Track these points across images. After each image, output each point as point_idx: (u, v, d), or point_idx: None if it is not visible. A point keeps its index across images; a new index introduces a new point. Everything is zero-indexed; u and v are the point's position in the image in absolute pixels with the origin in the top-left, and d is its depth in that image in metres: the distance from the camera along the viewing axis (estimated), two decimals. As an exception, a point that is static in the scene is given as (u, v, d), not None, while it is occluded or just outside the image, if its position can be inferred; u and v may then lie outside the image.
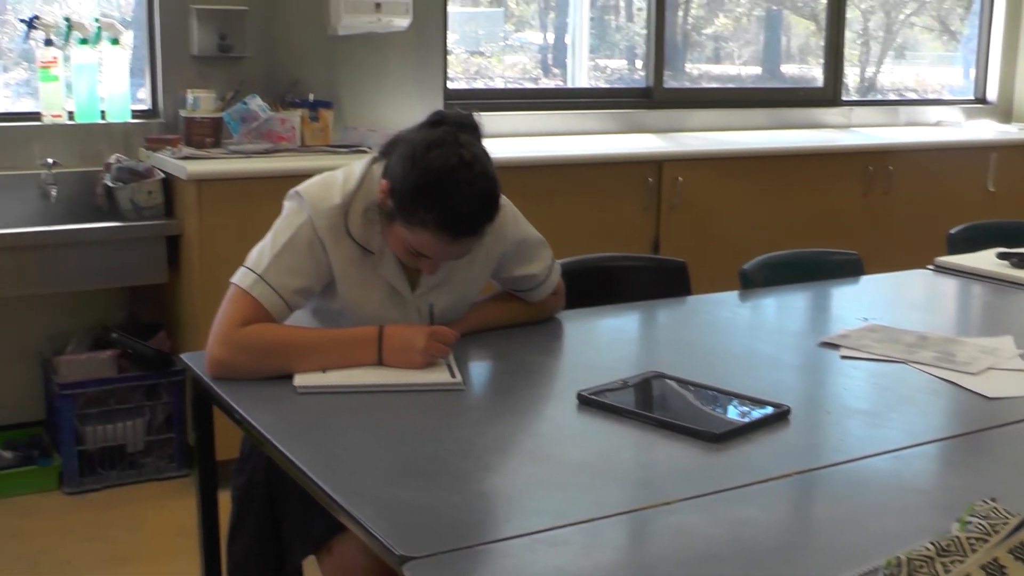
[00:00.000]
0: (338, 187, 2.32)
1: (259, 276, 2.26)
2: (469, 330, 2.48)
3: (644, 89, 5.86)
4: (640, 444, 1.94)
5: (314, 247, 2.29)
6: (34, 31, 4.33)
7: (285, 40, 4.63)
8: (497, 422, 2.08)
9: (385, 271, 2.35)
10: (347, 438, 1.99)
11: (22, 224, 4.13)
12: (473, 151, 2.22)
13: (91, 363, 4.11)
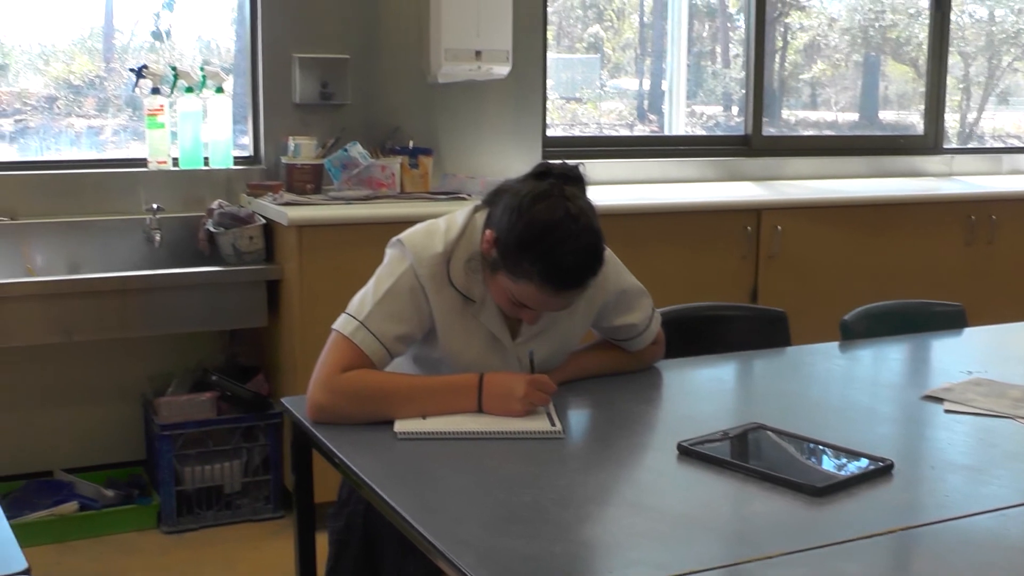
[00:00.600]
0: (440, 235, 2.34)
1: (361, 323, 2.28)
2: (568, 379, 2.48)
3: (742, 136, 5.83)
4: (741, 496, 1.91)
5: (416, 295, 2.30)
6: (142, 80, 4.43)
7: (385, 88, 4.69)
8: (597, 471, 2.06)
9: (486, 319, 2.36)
10: (447, 484, 1.99)
11: (127, 267, 4.23)
12: (579, 204, 2.23)
13: (191, 405, 4.17)
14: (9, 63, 4.85)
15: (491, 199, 2.35)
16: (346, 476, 2.10)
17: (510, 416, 2.22)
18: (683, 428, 2.19)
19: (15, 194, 4.28)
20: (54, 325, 3.91)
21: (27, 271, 4.19)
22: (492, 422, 2.20)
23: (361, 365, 2.26)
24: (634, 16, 6.24)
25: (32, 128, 4.77)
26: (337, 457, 2.10)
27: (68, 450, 4.36)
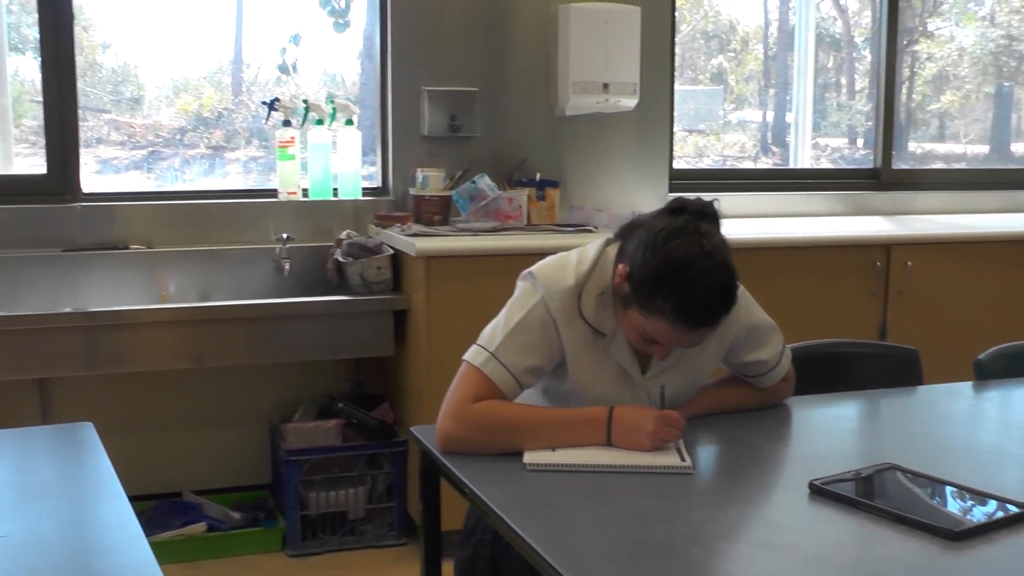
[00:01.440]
0: (571, 268, 2.35)
1: (491, 354, 2.30)
2: (697, 414, 2.47)
3: (871, 170, 5.75)
4: (874, 538, 1.88)
5: (547, 327, 2.32)
6: (274, 112, 4.53)
7: (513, 120, 4.73)
8: (727, 508, 2.05)
9: (616, 353, 2.36)
10: (576, 516, 1.99)
11: (257, 296, 4.33)
12: (714, 241, 2.22)
13: (317, 431, 4.23)
14: (144, 96, 4.99)
15: (624, 233, 2.35)
16: (475, 505, 2.11)
17: (639, 450, 2.21)
18: (813, 466, 2.16)
19: (150, 223, 4.40)
20: (185, 351, 4.01)
21: (161, 298, 4.30)
22: (621, 456, 2.20)
23: (491, 396, 2.28)
24: (758, 47, 6.20)
25: (163, 159, 4.90)
26: (467, 487, 2.11)
27: (197, 472, 4.46)
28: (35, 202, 4.33)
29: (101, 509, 2.00)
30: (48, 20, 4.34)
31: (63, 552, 1.81)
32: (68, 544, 1.86)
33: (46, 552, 1.80)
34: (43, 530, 1.90)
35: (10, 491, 2.12)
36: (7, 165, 4.63)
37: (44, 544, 1.83)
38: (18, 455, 2.39)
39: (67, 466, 2.34)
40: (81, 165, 4.45)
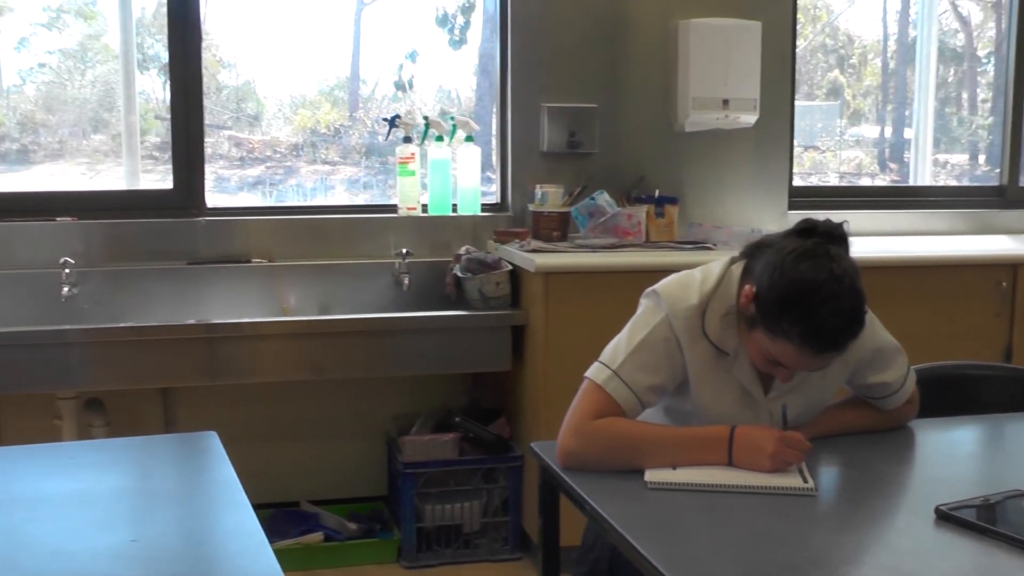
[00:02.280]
0: (696, 287, 2.34)
1: (613, 372, 2.30)
2: (820, 435, 2.44)
3: (996, 187, 5.63)
4: (1003, 566, 1.84)
5: (670, 346, 2.31)
6: (395, 129, 4.58)
7: (632, 136, 4.72)
8: (851, 532, 2.02)
9: (739, 373, 2.35)
10: (698, 536, 1.99)
11: (375, 309, 4.38)
12: (843, 265, 2.19)
13: (433, 444, 4.26)
14: (262, 112, 5.08)
15: (750, 252, 2.34)
16: (595, 522, 2.11)
17: (760, 471, 2.20)
18: (938, 491, 2.12)
19: (272, 238, 4.48)
20: (305, 363, 4.07)
21: (282, 311, 4.37)
22: (744, 476, 2.19)
23: (612, 413, 2.28)
24: (876, 61, 6.11)
25: (280, 174, 4.98)
26: (587, 503, 2.11)
27: (314, 482, 4.52)
28: (162, 216, 4.44)
29: (226, 517, 2.04)
30: (177, 41, 4.45)
31: (189, 558, 1.85)
32: (194, 550, 1.90)
33: (174, 558, 1.84)
34: (170, 536, 1.95)
35: (139, 497, 2.18)
36: (133, 180, 4.75)
37: (171, 550, 1.88)
38: (146, 462, 2.46)
39: (193, 474, 2.39)
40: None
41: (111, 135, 4.88)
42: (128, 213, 4.44)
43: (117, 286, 4.29)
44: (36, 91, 4.97)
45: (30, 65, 4.96)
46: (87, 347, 3.88)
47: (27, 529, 1.94)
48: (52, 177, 4.87)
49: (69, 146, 4.92)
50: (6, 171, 4.80)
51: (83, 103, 4.94)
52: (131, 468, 2.41)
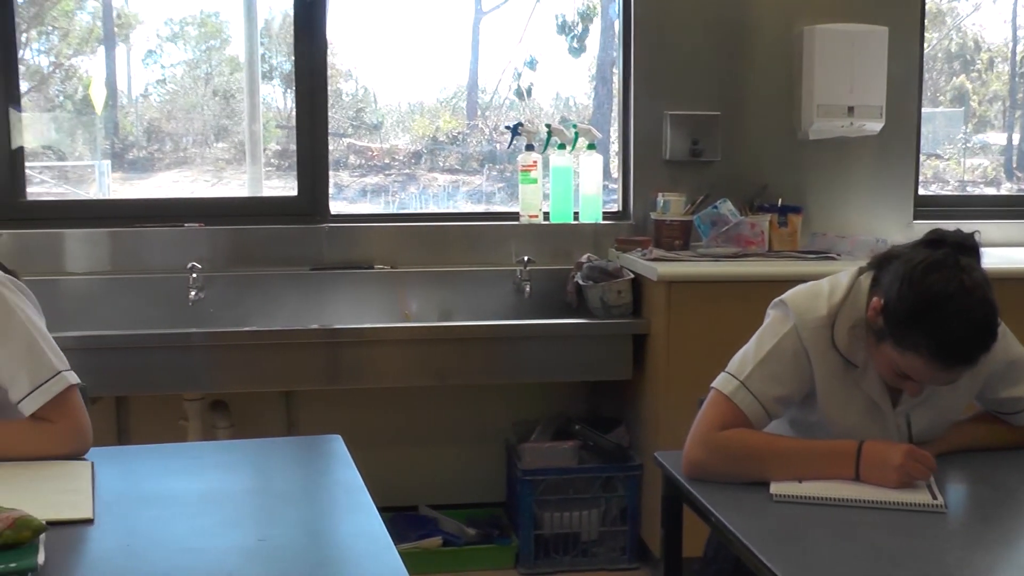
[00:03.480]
0: (824, 298, 2.30)
1: (741, 383, 2.27)
2: (949, 450, 2.39)
3: None
4: None
5: (798, 357, 2.28)
6: (517, 137, 4.60)
7: (754, 144, 4.67)
8: (983, 551, 1.97)
9: (867, 385, 2.31)
10: (823, 550, 1.95)
11: (496, 316, 4.39)
12: (974, 277, 2.14)
13: (553, 452, 4.26)
14: (383, 121, 5.13)
15: (878, 263, 2.30)
16: (719, 534, 2.09)
17: (887, 487, 2.15)
18: (1077, 510, 2.07)
19: (395, 244, 4.53)
20: (426, 368, 4.10)
21: (404, 317, 4.41)
22: (870, 491, 2.15)
23: (739, 424, 2.26)
24: (1004, 66, 5.96)
25: (399, 182, 5.03)
26: (712, 514, 2.09)
27: (433, 487, 4.56)
28: (286, 223, 4.51)
29: (351, 519, 2.06)
30: (303, 51, 4.52)
31: (316, 558, 1.87)
32: (320, 551, 1.92)
33: (300, 558, 1.86)
34: (297, 536, 1.98)
35: (265, 498, 2.21)
36: (256, 188, 4.84)
37: (298, 550, 1.90)
38: (271, 464, 2.49)
39: (317, 476, 2.42)
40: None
41: (232, 143, 4.97)
42: (254, 219, 4.52)
43: (242, 291, 4.37)
44: (161, 101, 5.08)
45: (156, 76, 5.08)
46: (212, 350, 3.95)
47: (159, 526, 1.98)
48: (176, 184, 4.98)
49: (192, 154, 5.03)
50: (133, 178, 4.92)
51: (206, 112, 5.04)
52: (257, 469, 2.45)
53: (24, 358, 2.37)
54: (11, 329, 2.38)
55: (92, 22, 5.13)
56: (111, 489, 2.18)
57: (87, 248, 4.39)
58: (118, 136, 5.07)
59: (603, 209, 4.67)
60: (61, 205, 4.75)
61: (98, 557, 1.86)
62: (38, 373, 2.36)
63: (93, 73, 5.05)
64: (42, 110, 4.94)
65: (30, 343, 2.38)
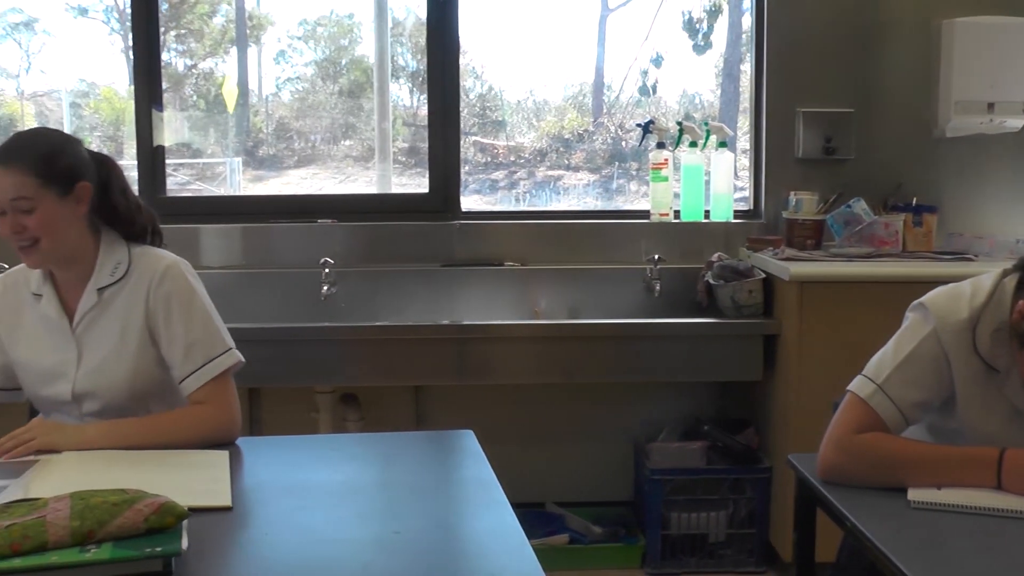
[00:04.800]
0: (966, 301, 2.25)
1: (878, 386, 2.23)
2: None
3: None
4: None
5: (938, 361, 2.23)
6: (648, 134, 4.58)
7: (889, 142, 4.58)
8: None
9: (1010, 391, 2.24)
10: (964, 561, 1.90)
11: (626, 315, 4.39)
12: None
13: (681, 452, 4.24)
14: (507, 119, 5.15)
15: (1023, 265, 2.24)
16: (854, 540, 2.05)
17: (1032, 496, 2.10)
18: None
19: (524, 242, 4.54)
20: (554, 366, 4.10)
21: (533, 314, 4.42)
22: (1014, 500, 2.08)
23: (875, 428, 2.22)
24: None
25: (524, 179, 5.04)
26: (847, 519, 2.06)
27: (560, 484, 4.56)
28: (417, 219, 4.56)
29: (486, 514, 2.07)
30: (435, 50, 4.56)
31: (451, 552, 1.90)
32: (456, 545, 1.94)
33: (435, 551, 1.89)
34: (432, 530, 1.99)
35: (399, 491, 2.23)
36: (385, 185, 4.89)
37: (433, 543, 1.92)
38: (405, 457, 2.52)
39: (450, 471, 2.45)
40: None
41: (360, 141, 5.04)
42: (385, 216, 4.58)
43: (373, 286, 4.42)
44: (290, 99, 5.18)
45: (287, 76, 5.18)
46: (344, 344, 4.01)
47: (297, 516, 2.02)
48: (304, 181, 5.06)
49: (320, 152, 5.11)
50: (263, 175, 5.01)
51: (334, 110, 5.11)
52: (391, 462, 2.48)
53: (202, 332, 2.55)
54: (193, 304, 2.56)
55: (226, 25, 5.24)
56: (248, 478, 2.24)
57: (222, 243, 4.49)
58: (249, 134, 5.18)
59: (734, 207, 4.62)
60: (198, 201, 4.88)
61: (237, 544, 1.90)
62: (212, 348, 2.55)
63: (226, 73, 5.17)
64: (177, 110, 5.06)
65: (206, 319, 2.57)
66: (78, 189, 2.48)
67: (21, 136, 2.52)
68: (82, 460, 2.30)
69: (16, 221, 2.43)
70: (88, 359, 2.54)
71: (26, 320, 2.60)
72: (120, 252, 2.58)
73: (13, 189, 2.40)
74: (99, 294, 2.54)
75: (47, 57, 5.73)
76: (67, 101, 5.87)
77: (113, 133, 5.75)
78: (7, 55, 5.77)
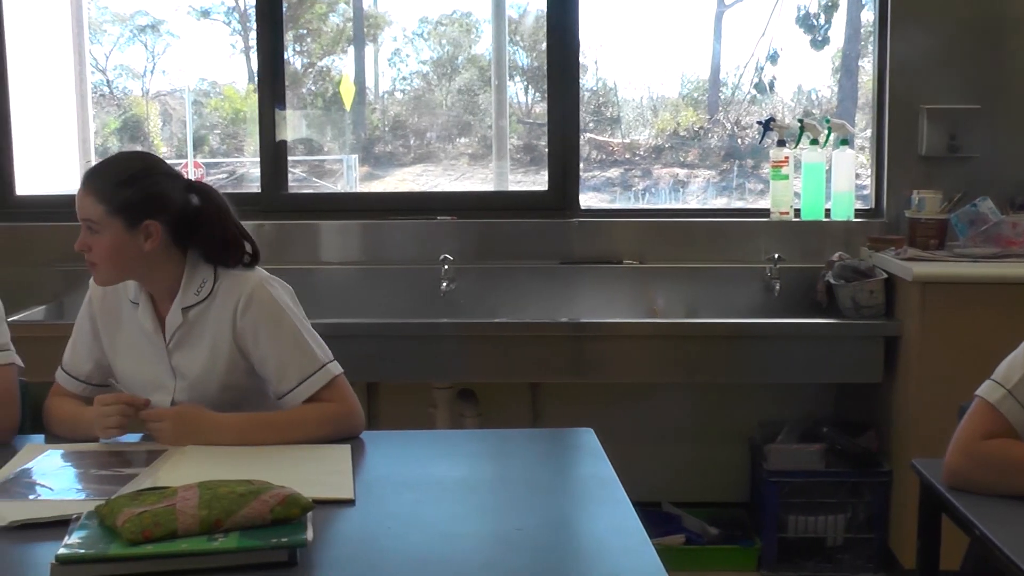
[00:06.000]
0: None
1: (1008, 391, 2.18)
2: None
3: None
4: None
5: (1071, 367, 2.18)
6: (769, 132, 4.53)
7: (1016, 139, 4.46)
8: None
9: None
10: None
11: (744, 314, 4.35)
12: None
13: (799, 454, 4.19)
14: (623, 116, 5.14)
15: None
16: (981, 548, 2.01)
17: None
18: None
19: (643, 240, 4.53)
20: (672, 365, 4.07)
21: (651, 312, 4.40)
22: None
23: (1004, 435, 2.17)
24: None
25: (639, 177, 5.02)
26: (975, 527, 2.01)
27: (676, 484, 4.54)
28: (536, 217, 4.57)
29: (606, 513, 2.06)
30: (556, 48, 4.57)
31: (572, 550, 1.90)
32: (577, 543, 1.95)
33: (557, 549, 1.90)
34: (553, 527, 2.00)
35: (520, 488, 2.24)
36: (502, 182, 4.92)
37: (554, 541, 1.93)
38: (524, 454, 2.53)
39: (570, 468, 2.45)
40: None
41: (475, 139, 5.07)
42: (503, 213, 4.60)
43: (492, 283, 4.45)
44: (405, 97, 5.23)
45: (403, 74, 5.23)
46: (462, 340, 4.04)
47: (417, 510, 2.03)
48: (419, 178, 5.10)
49: (435, 149, 5.15)
50: (378, 172, 5.07)
51: (449, 108, 5.15)
52: (510, 458, 2.49)
53: (292, 353, 2.53)
54: (281, 326, 2.54)
55: (343, 23, 5.31)
56: (368, 472, 2.27)
57: (341, 239, 4.56)
58: (365, 132, 5.24)
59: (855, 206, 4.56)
60: (318, 198, 4.95)
61: (360, 537, 1.92)
62: (305, 367, 2.51)
63: (344, 71, 5.24)
64: (295, 108, 5.14)
65: (297, 338, 2.53)
66: (146, 226, 2.46)
67: (109, 160, 2.55)
68: (209, 450, 2.35)
69: (84, 240, 2.47)
70: (182, 376, 2.58)
71: (124, 326, 2.64)
72: (204, 271, 2.57)
73: (84, 210, 2.45)
74: (184, 314, 2.55)
75: (170, 58, 5.88)
76: (189, 100, 6.00)
77: (232, 131, 5.87)
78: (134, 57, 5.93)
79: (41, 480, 2.17)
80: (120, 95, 6.02)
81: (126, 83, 6.05)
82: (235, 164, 5.95)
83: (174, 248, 2.54)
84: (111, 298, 2.64)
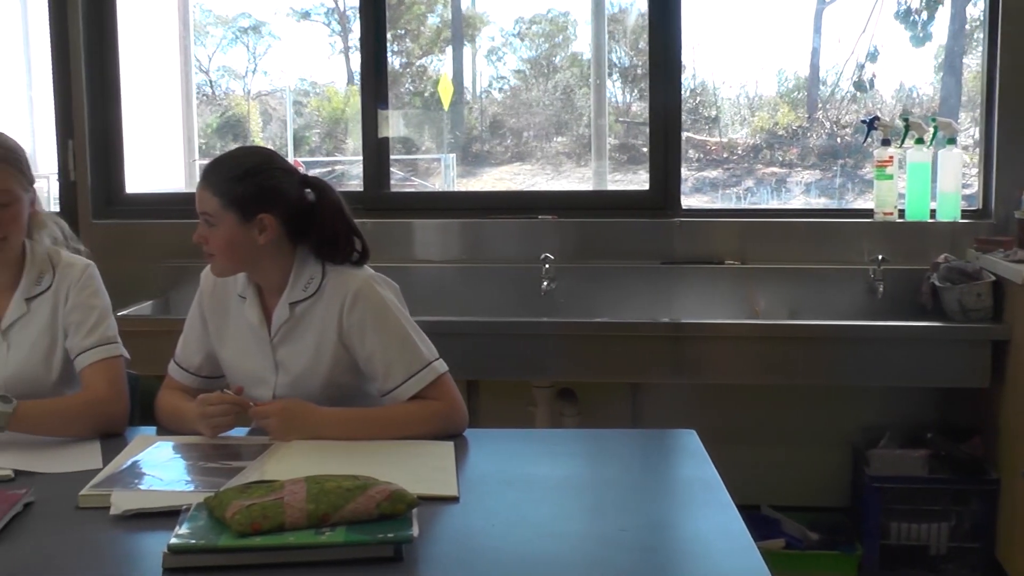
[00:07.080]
0: None
1: None
2: None
3: None
4: None
5: None
6: (873, 131, 4.47)
7: None
8: None
9: None
10: None
11: (846, 316, 4.30)
12: None
13: (903, 460, 4.13)
14: (721, 115, 5.10)
15: None
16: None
17: None
18: None
19: (744, 240, 4.50)
20: (773, 366, 4.04)
21: (753, 313, 4.37)
22: None
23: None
24: None
25: (737, 176, 4.98)
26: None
27: (776, 487, 4.49)
28: (637, 216, 4.56)
29: (710, 516, 2.05)
30: (658, 47, 4.56)
31: (677, 552, 1.90)
32: (681, 545, 1.95)
33: (661, 550, 1.90)
34: (657, 529, 2.00)
35: (623, 488, 2.24)
36: (601, 181, 4.91)
37: (659, 542, 1.93)
38: (626, 455, 2.53)
39: (673, 470, 2.44)
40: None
41: (572, 138, 5.06)
42: (605, 212, 4.60)
43: (592, 282, 4.45)
44: (503, 96, 5.24)
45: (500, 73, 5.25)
46: (562, 339, 4.04)
47: (520, 508, 2.04)
48: (517, 177, 5.11)
49: (532, 148, 5.15)
50: (475, 171, 5.09)
51: (547, 107, 5.16)
52: (612, 459, 2.49)
53: (399, 350, 2.55)
54: (387, 324, 2.57)
55: (441, 24, 5.35)
56: (471, 469, 2.28)
57: (442, 237, 4.59)
58: (462, 131, 5.26)
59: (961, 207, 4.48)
60: (420, 196, 4.99)
61: (464, 534, 1.93)
62: (411, 364, 2.54)
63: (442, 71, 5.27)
64: (393, 108, 5.18)
65: (403, 336, 2.56)
66: (260, 220, 2.51)
67: (226, 155, 2.60)
68: (314, 445, 2.38)
69: (202, 232, 2.54)
70: (285, 370, 2.61)
71: (232, 319, 2.68)
72: (313, 267, 2.60)
73: (201, 204, 2.52)
74: (291, 308, 2.59)
75: (271, 59, 5.96)
76: (289, 100, 6.08)
77: (331, 130, 5.94)
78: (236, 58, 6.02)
79: (151, 471, 2.21)
80: (222, 95, 6.12)
81: (228, 83, 6.15)
82: (335, 163, 6.02)
83: (286, 242, 2.59)
84: (220, 291, 2.70)
